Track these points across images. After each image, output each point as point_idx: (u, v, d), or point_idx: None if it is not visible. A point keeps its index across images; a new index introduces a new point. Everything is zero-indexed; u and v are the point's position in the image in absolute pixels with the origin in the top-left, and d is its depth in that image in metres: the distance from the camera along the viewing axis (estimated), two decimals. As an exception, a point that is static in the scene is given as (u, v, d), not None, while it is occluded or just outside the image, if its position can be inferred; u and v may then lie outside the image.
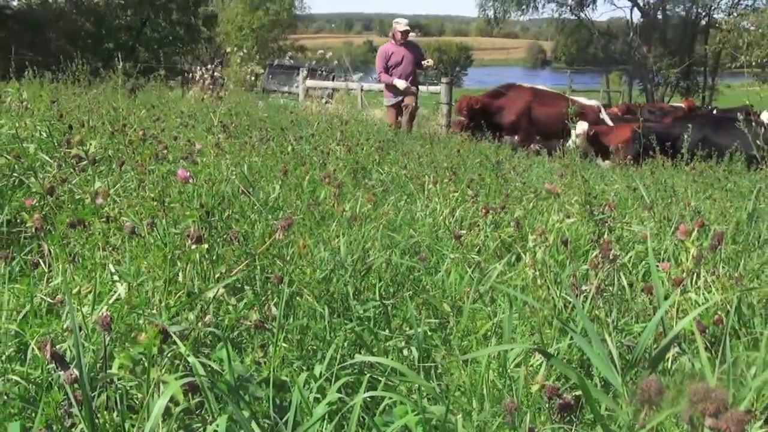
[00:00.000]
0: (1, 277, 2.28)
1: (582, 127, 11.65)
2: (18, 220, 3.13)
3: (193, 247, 2.03)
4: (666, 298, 2.51)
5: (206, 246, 2.04)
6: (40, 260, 2.50)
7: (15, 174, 3.39)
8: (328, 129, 7.95)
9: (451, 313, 2.64)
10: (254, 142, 5.30)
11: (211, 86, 15.95)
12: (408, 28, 12.53)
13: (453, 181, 4.59)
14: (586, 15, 38.08)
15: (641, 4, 35.76)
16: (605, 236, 3.37)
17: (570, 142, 10.53)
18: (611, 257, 2.61)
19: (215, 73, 17.86)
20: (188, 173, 2.38)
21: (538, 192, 4.70)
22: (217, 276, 2.21)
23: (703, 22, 36.60)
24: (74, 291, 2.28)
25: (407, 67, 12.28)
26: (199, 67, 18.75)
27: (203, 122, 6.69)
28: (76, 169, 3.33)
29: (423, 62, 12.58)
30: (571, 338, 2.27)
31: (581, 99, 14.84)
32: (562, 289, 2.62)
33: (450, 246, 3.29)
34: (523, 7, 36.37)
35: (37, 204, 2.95)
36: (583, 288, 2.50)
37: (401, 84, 11.89)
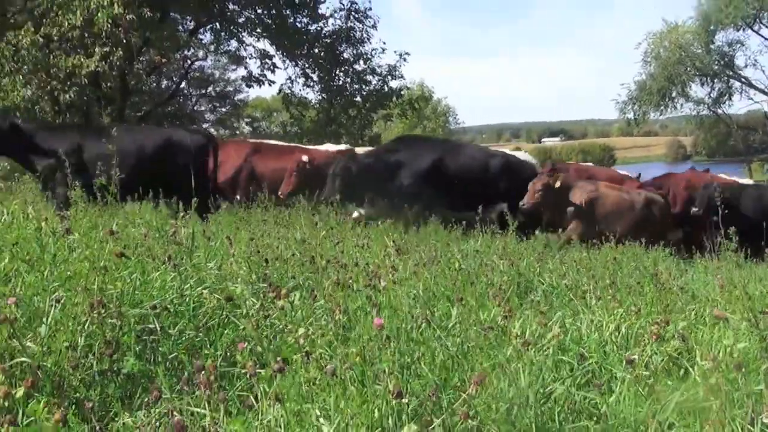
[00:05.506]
0: (222, 418, 2.35)
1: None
2: (228, 354, 3.24)
3: (394, 402, 2.04)
4: None
5: (406, 401, 2.04)
6: (252, 399, 2.56)
7: (224, 312, 3.53)
8: (491, 239, 7.89)
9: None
10: (424, 261, 5.33)
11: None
12: None
13: (615, 297, 4.43)
14: (723, 111, 36.66)
15: (777, 96, 34.15)
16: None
17: None
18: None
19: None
20: (382, 320, 2.41)
21: (697, 298, 4.50)
22: (410, 414, 2.19)
23: (844, 106, 34.59)
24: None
25: None
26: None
27: (376, 240, 6.83)
28: (276, 306, 3.44)
29: None
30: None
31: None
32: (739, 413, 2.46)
33: (619, 364, 3.18)
34: (662, 107, 35.41)
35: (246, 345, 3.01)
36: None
37: None
